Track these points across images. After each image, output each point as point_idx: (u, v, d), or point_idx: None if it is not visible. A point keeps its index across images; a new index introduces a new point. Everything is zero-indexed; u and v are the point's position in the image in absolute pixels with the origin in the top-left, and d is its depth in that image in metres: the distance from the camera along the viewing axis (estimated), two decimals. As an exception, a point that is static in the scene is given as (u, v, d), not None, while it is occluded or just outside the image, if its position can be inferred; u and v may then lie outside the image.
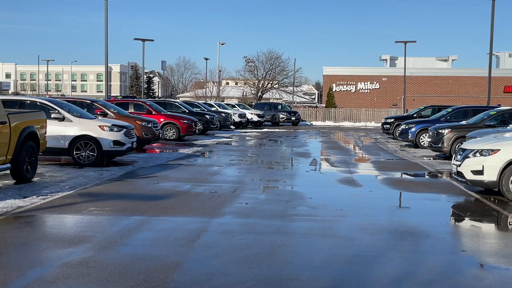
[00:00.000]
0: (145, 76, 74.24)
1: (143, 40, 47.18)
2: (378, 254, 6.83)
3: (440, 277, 5.94)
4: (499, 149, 10.90)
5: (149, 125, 19.80)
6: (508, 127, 16.43)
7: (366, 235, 7.83)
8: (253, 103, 54.06)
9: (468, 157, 11.28)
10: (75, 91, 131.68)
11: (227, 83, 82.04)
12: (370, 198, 11.15)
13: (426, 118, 26.54)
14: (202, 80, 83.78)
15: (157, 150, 20.63)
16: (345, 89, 62.26)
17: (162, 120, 24.63)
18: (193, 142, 25.03)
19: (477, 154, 11.15)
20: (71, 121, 14.70)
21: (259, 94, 65.40)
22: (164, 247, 6.94)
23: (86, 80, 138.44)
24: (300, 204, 10.20)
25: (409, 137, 24.17)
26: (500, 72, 59.38)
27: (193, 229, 7.92)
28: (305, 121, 54.59)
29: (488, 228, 8.98)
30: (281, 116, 48.10)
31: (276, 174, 15.12)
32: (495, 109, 20.87)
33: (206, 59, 70.51)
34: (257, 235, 7.72)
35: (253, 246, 7.09)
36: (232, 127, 38.53)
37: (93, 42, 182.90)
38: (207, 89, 70.36)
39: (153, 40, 49.07)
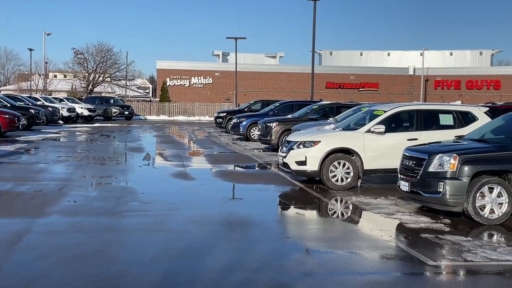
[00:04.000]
0: (-41, 67, 67.44)
1: (-44, 27, 42.79)
2: (209, 245, 6.98)
3: (266, 264, 6.24)
4: (320, 141, 11.73)
5: (-36, 121, 18.06)
6: (328, 120, 17.72)
7: (198, 227, 7.95)
8: (84, 97, 51.85)
9: (293, 149, 11.97)
10: None
11: (55, 76, 77.57)
12: (202, 191, 11.33)
13: (256, 112, 27.61)
14: (26, 72, 78.22)
15: (-26, 148, 18.88)
16: (179, 84, 62.38)
17: (-21, 115, 22.57)
18: (16, 138, 23.31)
19: (301, 146, 11.88)
20: None
21: (90, 87, 62.84)
22: (-20, 252, 6.40)
23: None
24: (132, 199, 10.04)
25: (241, 130, 24.97)
26: (323, 69, 63.70)
27: (15, 230, 7.40)
28: (139, 115, 53.73)
29: (311, 215, 9.62)
30: (114, 110, 46.79)
31: (108, 170, 14.70)
32: (317, 103, 22.38)
33: (31, 49, 65.70)
34: (86, 233, 7.46)
35: (82, 245, 6.83)
36: (61, 122, 36.61)
37: None
38: (33, 82, 65.89)
39: (-32, 27, 44.71)
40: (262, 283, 5.57)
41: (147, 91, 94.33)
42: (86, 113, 41.59)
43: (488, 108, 12.80)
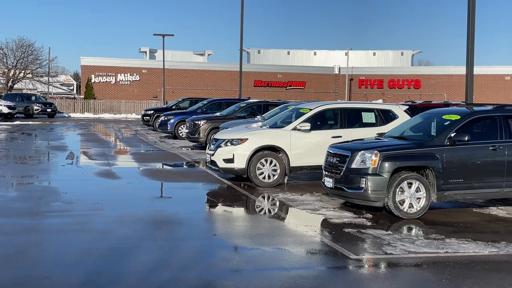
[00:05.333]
0: None
1: None
2: (135, 245, 6.88)
3: (193, 262, 6.22)
4: (247, 139, 11.81)
5: None
6: (256, 118, 17.86)
7: (123, 227, 7.82)
8: (3, 94, 49.65)
9: (220, 147, 11.99)
10: None
11: (-28, 71, 73.94)
12: (128, 190, 11.15)
13: (184, 110, 27.38)
14: None
15: None
16: (105, 80, 60.89)
17: None
18: None
19: (228, 144, 11.92)
20: None
21: (9, 84, 60.25)
22: None
23: None
24: (54, 199, 9.73)
25: (168, 128, 24.72)
26: (251, 67, 64.01)
27: None
28: (63, 113, 52.05)
29: (238, 212, 9.68)
30: (36, 107, 45.07)
31: (29, 169, 14.17)
32: (245, 101, 22.49)
33: None
34: (5, 235, 7.17)
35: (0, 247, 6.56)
36: (-22, 119, 34.93)
37: None
38: None
39: None
40: (189, 281, 5.55)
41: (71, 88, 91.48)
42: (5, 110, 39.81)
43: (407, 107, 13.35)
